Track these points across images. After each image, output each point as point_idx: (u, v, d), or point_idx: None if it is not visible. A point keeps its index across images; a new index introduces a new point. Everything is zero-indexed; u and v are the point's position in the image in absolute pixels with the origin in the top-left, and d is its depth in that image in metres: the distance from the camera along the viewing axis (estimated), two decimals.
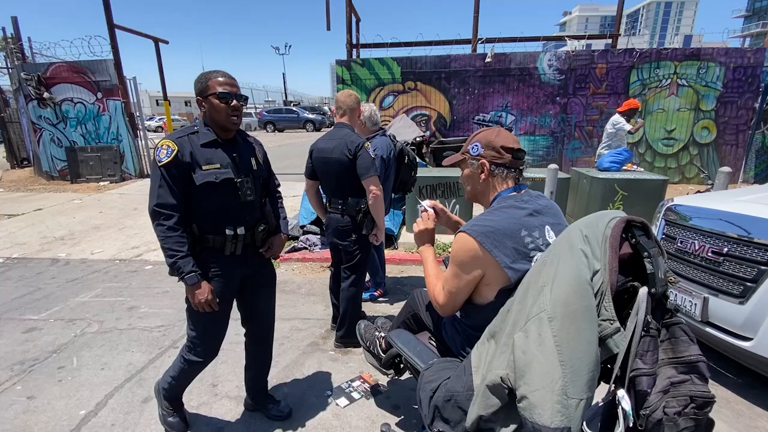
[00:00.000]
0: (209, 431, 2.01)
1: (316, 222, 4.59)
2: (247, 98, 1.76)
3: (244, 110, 1.76)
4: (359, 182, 2.39)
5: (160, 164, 1.57)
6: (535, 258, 1.24)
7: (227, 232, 1.69)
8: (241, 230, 1.72)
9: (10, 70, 10.17)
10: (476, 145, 1.39)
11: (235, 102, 1.64)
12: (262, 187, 1.86)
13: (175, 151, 1.57)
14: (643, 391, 0.95)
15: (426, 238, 1.59)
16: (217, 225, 1.69)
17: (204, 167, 1.62)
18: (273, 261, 2.00)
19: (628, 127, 5.24)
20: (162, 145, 1.60)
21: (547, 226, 1.31)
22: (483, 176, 1.39)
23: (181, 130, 1.66)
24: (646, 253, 0.98)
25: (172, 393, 1.97)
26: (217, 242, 1.69)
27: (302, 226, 4.65)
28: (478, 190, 1.43)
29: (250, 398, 2.13)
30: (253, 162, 1.78)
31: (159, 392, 2.00)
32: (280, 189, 2.04)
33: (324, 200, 2.69)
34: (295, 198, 6.17)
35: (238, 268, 1.78)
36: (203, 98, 1.64)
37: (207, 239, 1.68)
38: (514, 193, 1.36)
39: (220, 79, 1.63)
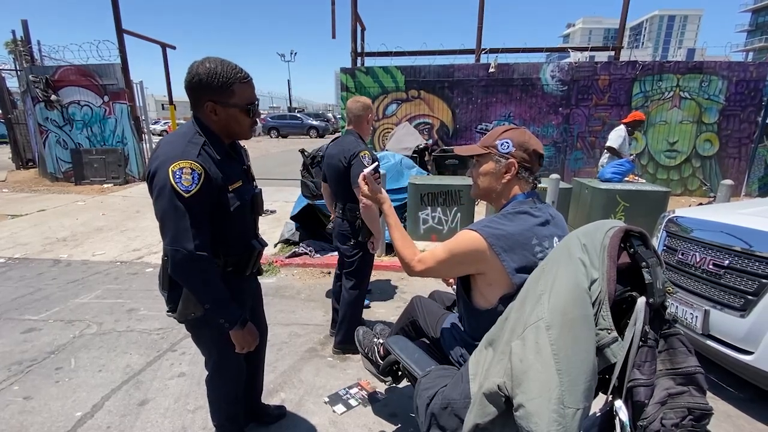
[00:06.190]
0: None
1: (303, 216, 4.60)
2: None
3: None
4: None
5: (187, 195, 1.20)
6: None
7: (255, 246, 1.51)
8: (262, 243, 1.57)
9: (18, 72, 10.32)
10: (507, 143, 1.30)
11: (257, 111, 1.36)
12: None
13: (202, 175, 1.23)
14: (641, 402, 0.95)
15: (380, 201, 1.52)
16: (243, 244, 1.48)
17: (231, 187, 1.34)
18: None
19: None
20: (181, 168, 1.19)
21: (555, 238, 1.29)
22: (508, 177, 1.31)
23: (190, 144, 1.26)
24: (644, 263, 0.99)
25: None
26: (242, 262, 1.48)
27: (292, 217, 4.70)
28: (497, 190, 1.34)
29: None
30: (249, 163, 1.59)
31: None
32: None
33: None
34: None
35: (250, 286, 1.64)
36: (221, 105, 1.27)
37: (229, 262, 1.45)
38: (529, 198, 1.33)
39: (246, 84, 1.29)
